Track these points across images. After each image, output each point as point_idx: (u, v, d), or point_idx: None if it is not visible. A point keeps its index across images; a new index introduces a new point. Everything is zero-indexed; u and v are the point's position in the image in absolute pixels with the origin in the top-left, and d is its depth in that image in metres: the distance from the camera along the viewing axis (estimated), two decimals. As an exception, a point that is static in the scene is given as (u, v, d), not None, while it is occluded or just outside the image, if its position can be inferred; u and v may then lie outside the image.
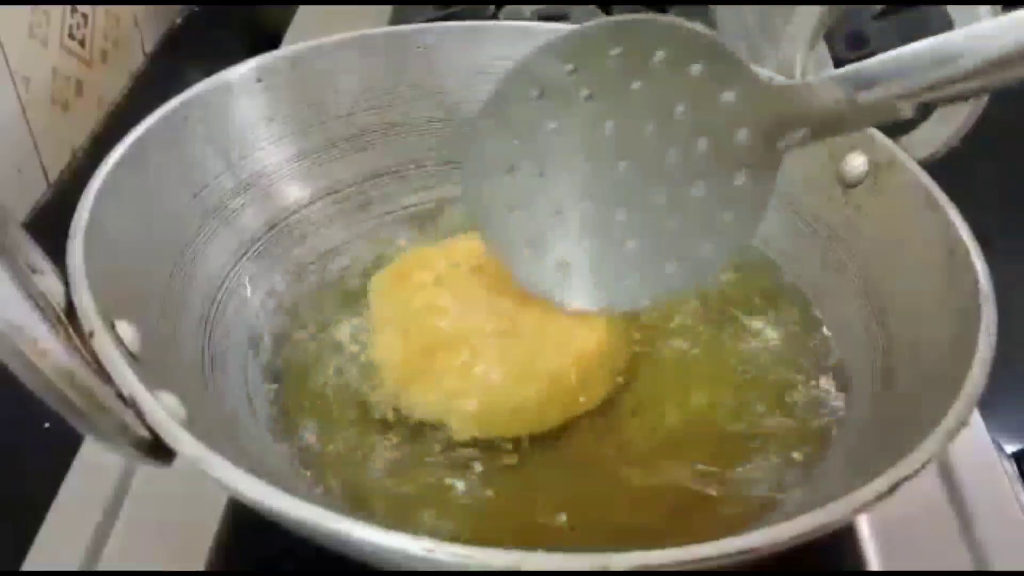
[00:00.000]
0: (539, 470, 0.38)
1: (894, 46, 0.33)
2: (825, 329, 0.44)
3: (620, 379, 0.42)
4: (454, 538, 0.26)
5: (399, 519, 0.36)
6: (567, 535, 0.36)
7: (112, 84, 0.73)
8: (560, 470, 0.39)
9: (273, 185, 0.48)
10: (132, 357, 0.32)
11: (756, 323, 0.45)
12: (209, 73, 0.46)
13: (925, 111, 0.45)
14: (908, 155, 0.43)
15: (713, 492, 0.38)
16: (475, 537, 0.27)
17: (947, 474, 0.43)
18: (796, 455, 0.39)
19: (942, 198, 0.40)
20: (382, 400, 0.41)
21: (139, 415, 0.29)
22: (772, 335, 0.45)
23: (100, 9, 0.70)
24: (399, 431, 0.40)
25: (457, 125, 0.52)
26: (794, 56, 0.50)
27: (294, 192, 0.49)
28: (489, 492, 0.37)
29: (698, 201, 0.38)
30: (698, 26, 0.36)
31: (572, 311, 0.41)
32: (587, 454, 0.39)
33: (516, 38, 0.52)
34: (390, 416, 0.40)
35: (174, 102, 0.43)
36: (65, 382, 0.28)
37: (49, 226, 0.38)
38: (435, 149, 0.52)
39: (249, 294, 0.45)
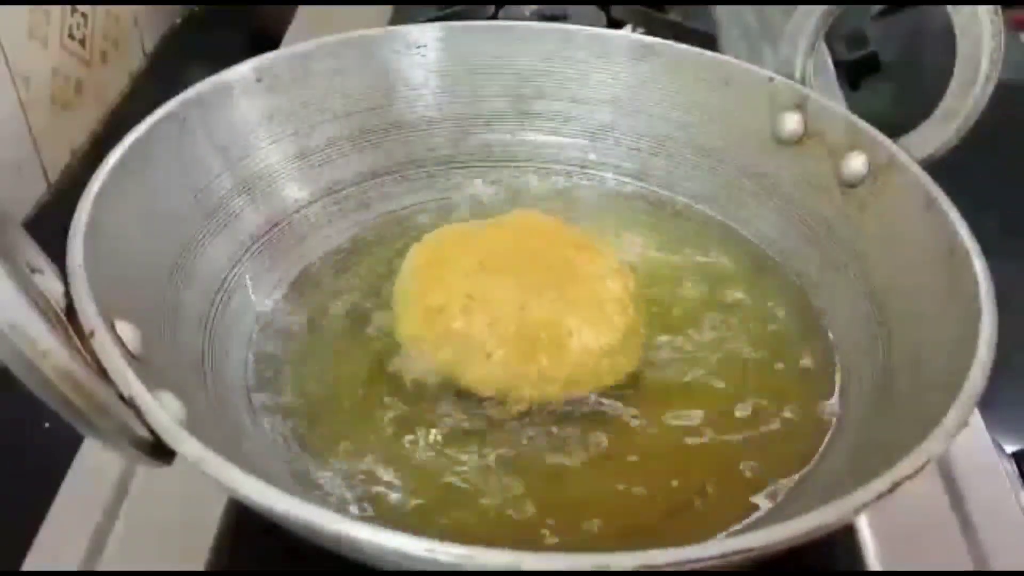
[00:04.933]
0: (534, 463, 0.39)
1: (894, 46, 0.33)
2: (825, 329, 0.44)
3: (624, 378, 0.42)
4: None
5: (396, 514, 0.36)
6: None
7: (112, 84, 0.73)
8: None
9: (273, 185, 0.48)
10: (132, 357, 0.32)
11: (756, 322, 0.45)
12: (209, 73, 0.46)
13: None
14: (908, 155, 0.43)
15: (712, 491, 0.38)
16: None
17: (947, 474, 0.43)
18: (796, 455, 0.39)
19: (942, 198, 0.40)
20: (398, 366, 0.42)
21: (139, 415, 0.29)
22: (772, 335, 0.45)
23: (100, 9, 0.70)
24: (402, 428, 0.40)
25: (456, 124, 0.52)
26: (794, 56, 0.50)
27: (294, 192, 0.49)
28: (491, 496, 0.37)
29: None
30: None
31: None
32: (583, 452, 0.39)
33: (515, 38, 0.52)
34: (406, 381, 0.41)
35: (174, 102, 0.43)
36: (65, 383, 0.28)
37: (49, 226, 0.38)
38: (435, 149, 0.52)
39: (250, 294, 0.45)
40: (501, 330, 0.40)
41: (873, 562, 0.40)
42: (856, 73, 0.72)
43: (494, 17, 0.72)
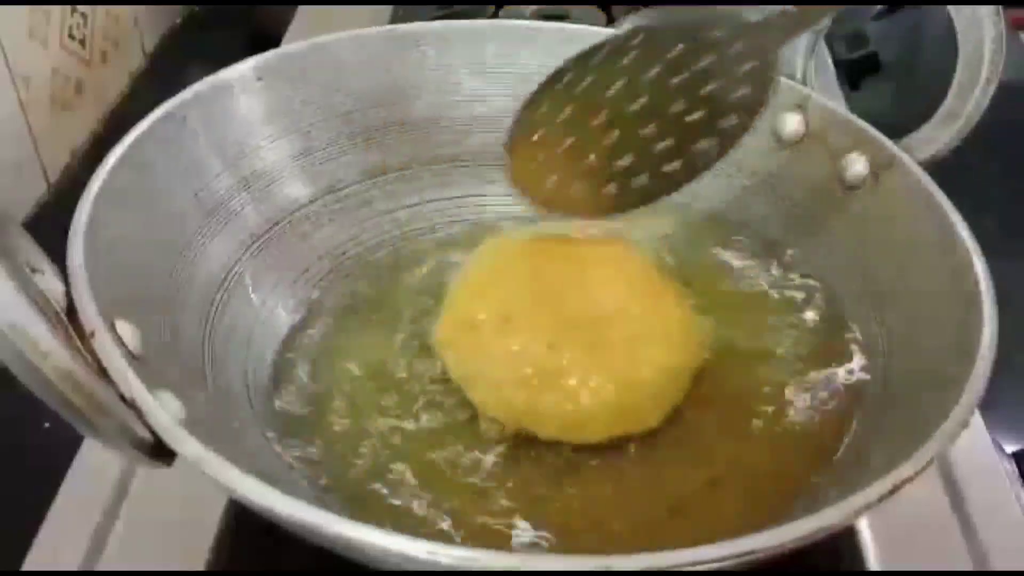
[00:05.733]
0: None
1: (894, 46, 0.33)
2: (825, 329, 0.44)
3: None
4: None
5: (396, 515, 0.36)
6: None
7: (112, 84, 0.73)
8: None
9: (273, 184, 0.48)
10: (132, 357, 0.32)
11: (755, 323, 0.45)
12: (209, 73, 0.46)
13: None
14: (909, 156, 0.43)
15: (713, 492, 0.38)
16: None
17: (947, 474, 0.43)
18: (796, 457, 0.39)
19: (942, 199, 0.40)
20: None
21: (139, 415, 0.29)
22: (771, 335, 0.44)
23: (100, 9, 0.70)
24: (399, 428, 0.40)
25: (456, 125, 0.52)
26: (794, 56, 0.50)
27: (294, 191, 0.49)
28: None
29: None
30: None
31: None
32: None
33: (516, 38, 0.52)
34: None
35: (174, 102, 0.43)
36: (66, 383, 0.28)
37: (49, 226, 0.38)
38: (435, 149, 0.52)
39: (250, 293, 0.45)
40: (521, 364, 0.39)
41: (873, 563, 0.40)
42: (856, 73, 0.72)
43: (494, 17, 0.72)
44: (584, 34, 0.52)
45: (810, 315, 0.45)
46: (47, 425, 0.43)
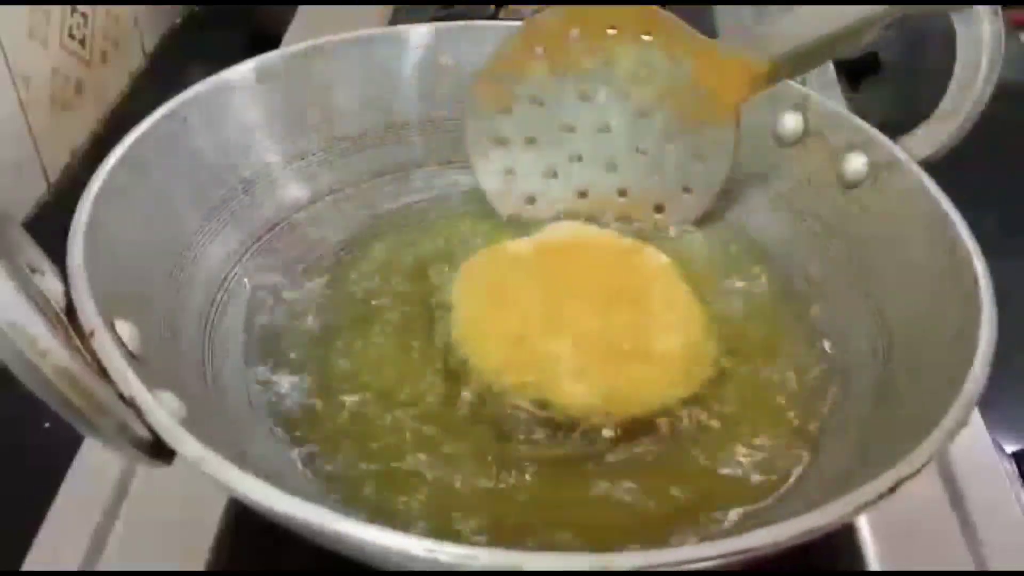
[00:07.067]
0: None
1: (894, 46, 0.33)
2: (825, 329, 0.44)
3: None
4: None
5: (394, 514, 0.36)
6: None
7: (112, 84, 0.73)
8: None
9: (273, 185, 0.48)
10: (132, 357, 0.32)
11: (756, 323, 0.45)
12: (209, 73, 0.46)
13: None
14: (908, 155, 0.43)
15: (710, 491, 0.38)
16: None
17: (947, 474, 0.43)
18: (797, 455, 0.39)
19: (942, 198, 0.40)
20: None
21: (139, 415, 0.29)
22: (772, 335, 0.44)
23: (100, 9, 0.70)
24: (402, 428, 0.40)
25: (457, 125, 0.52)
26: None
27: (294, 192, 0.49)
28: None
29: (672, 156, 0.48)
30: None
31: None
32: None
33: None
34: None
35: (174, 102, 0.43)
36: (65, 382, 0.28)
37: (49, 226, 0.38)
38: (435, 149, 0.52)
39: (249, 293, 0.45)
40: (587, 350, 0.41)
41: (873, 562, 0.40)
42: (856, 73, 0.72)
43: (494, 17, 0.72)
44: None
45: (806, 312, 0.45)
46: (47, 425, 0.43)
